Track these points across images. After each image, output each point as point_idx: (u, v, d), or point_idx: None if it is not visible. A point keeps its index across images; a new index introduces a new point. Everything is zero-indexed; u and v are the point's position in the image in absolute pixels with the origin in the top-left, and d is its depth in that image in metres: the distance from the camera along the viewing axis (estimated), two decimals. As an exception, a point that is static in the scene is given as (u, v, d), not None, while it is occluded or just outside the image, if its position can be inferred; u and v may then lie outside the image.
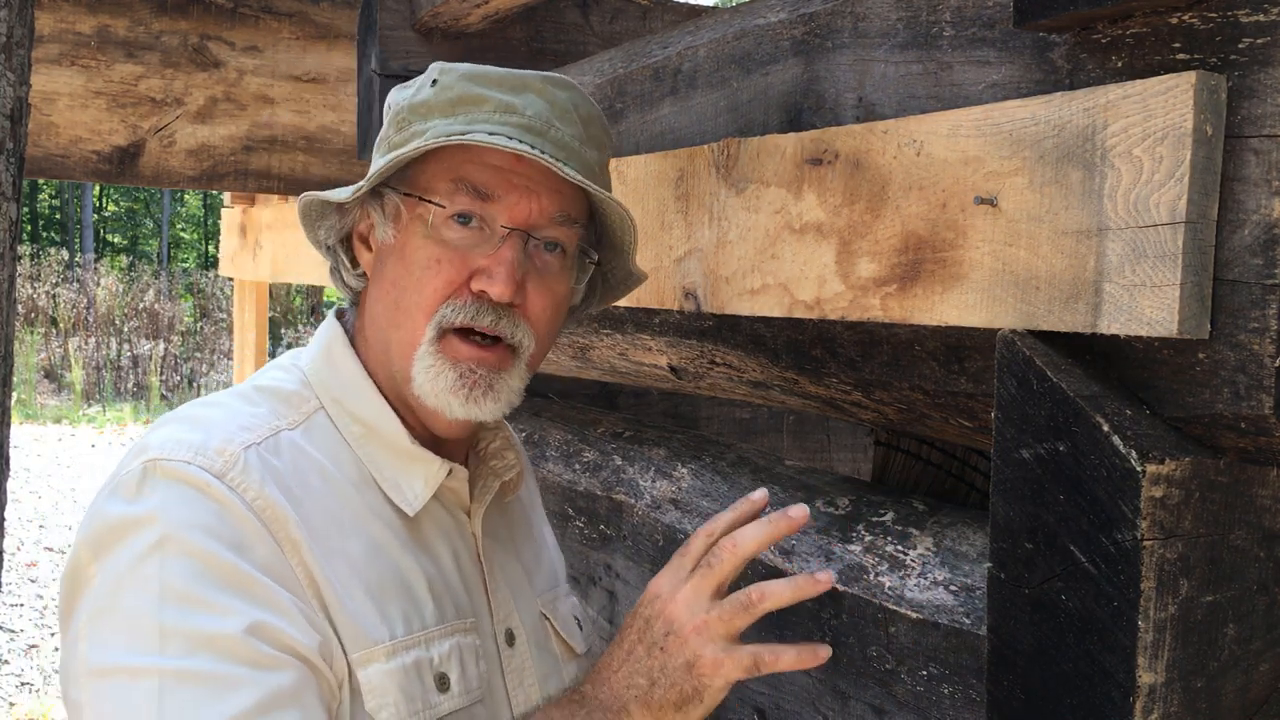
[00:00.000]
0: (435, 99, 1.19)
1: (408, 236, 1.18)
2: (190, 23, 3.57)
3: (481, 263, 1.15)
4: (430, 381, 1.15)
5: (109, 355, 16.30)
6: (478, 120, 1.16)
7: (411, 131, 1.19)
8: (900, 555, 1.34)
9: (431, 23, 2.47)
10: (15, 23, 1.55)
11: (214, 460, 1.06)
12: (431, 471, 1.21)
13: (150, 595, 0.99)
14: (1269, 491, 1.02)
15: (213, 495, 1.04)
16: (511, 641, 1.27)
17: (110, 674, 0.98)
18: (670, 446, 1.91)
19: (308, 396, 1.20)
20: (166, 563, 1.00)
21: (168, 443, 1.08)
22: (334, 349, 1.24)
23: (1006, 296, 1.05)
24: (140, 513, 1.03)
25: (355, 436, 1.19)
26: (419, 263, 1.16)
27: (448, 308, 1.15)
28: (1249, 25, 0.91)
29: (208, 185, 3.72)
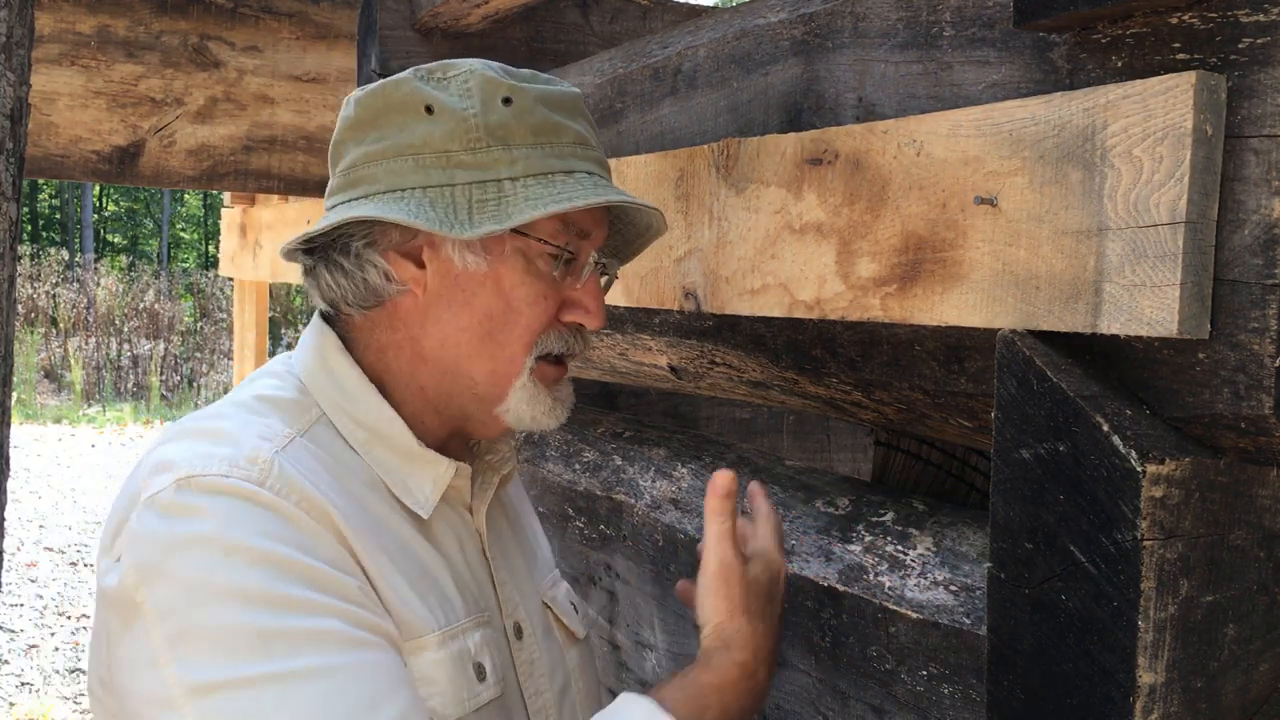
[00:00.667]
0: (517, 125, 1.16)
1: (506, 270, 1.18)
2: (190, 23, 3.57)
3: (571, 295, 1.22)
4: (531, 408, 1.21)
5: (109, 355, 16.30)
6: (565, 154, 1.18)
7: (493, 156, 1.15)
8: (900, 555, 1.34)
9: (431, 23, 2.47)
10: (15, 23, 1.55)
11: (250, 470, 1.05)
12: (439, 472, 1.21)
13: (234, 606, 0.98)
14: (1269, 491, 1.02)
15: (262, 502, 1.03)
16: (520, 635, 1.28)
17: (219, 689, 0.96)
18: (670, 446, 1.91)
19: (308, 404, 1.19)
20: (239, 572, 0.99)
21: (196, 458, 1.06)
22: (329, 355, 1.22)
23: (1006, 296, 1.05)
24: (192, 531, 1.01)
25: (360, 441, 1.19)
26: (523, 299, 1.18)
27: (545, 339, 1.21)
28: (1249, 25, 0.91)
29: (208, 185, 3.72)
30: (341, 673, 0.98)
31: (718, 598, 1.20)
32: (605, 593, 1.94)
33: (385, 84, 1.20)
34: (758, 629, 1.19)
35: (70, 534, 8.34)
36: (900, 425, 1.46)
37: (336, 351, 1.22)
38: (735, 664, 1.16)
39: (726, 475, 1.22)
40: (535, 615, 1.33)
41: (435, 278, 1.19)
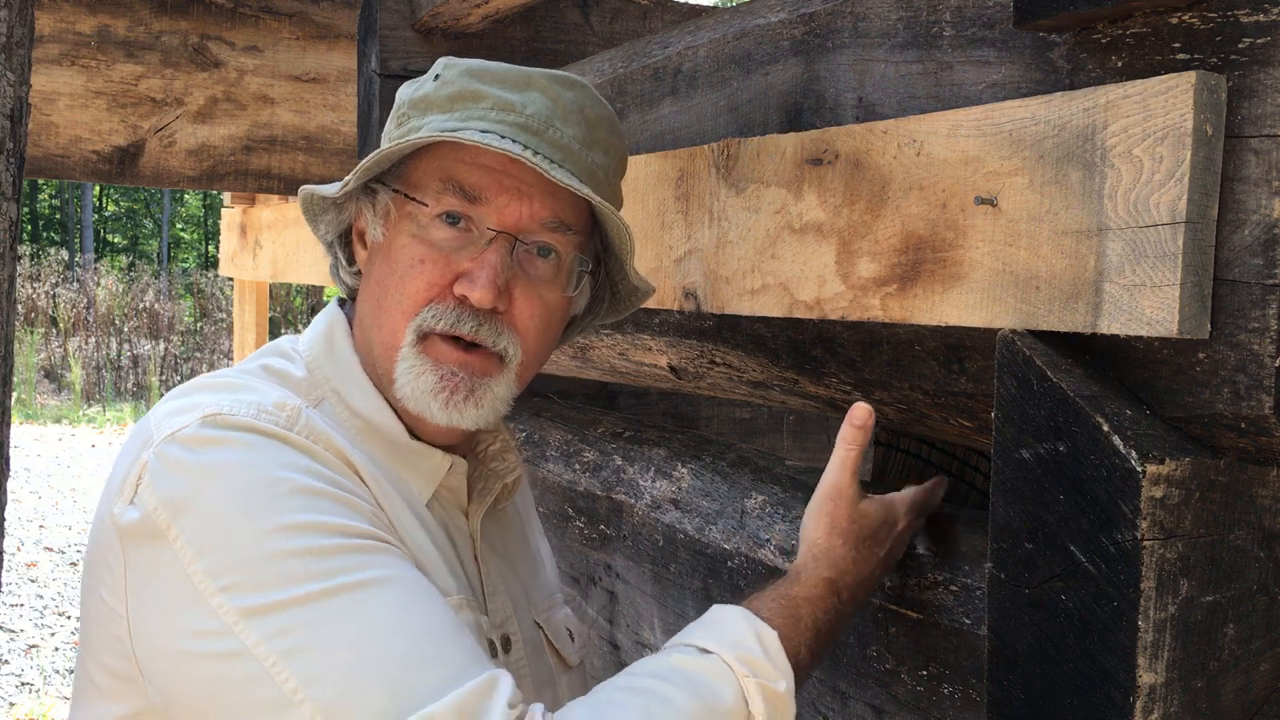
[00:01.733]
0: (435, 94, 1.15)
1: (395, 235, 1.15)
2: (190, 22, 3.57)
3: (465, 265, 1.12)
4: (411, 383, 1.12)
5: (109, 355, 16.30)
6: (473, 117, 1.12)
7: (409, 127, 1.15)
8: (900, 555, 1.34)
9: (431, 23, 2.47)
10: (15, 23, 1.55)
11: (277, 415, 1.04)
12: (433, 465, 1.18)
13: (280, 532, 0.95)
14: (1269, 491, 1.02)
15: (292, 443, 1.02)
16: (507, 648, 1.24)
17: (282, 607, 0.93)
18: (670, 446, 1.91)
19: (314, 384, 1.17)
20: (279, 499, 0.97)
21: (221, 401, 1.04)
22: (336, 338, 1.21)
23: (1006, 296, 1.05)
24: (223, 460, 0.99)
25: (354, 430, 1.16)
26: (403, 262, 1.13)
27: (429, 311, 1.12)
28: (1249, 25, 0.91)
29: (208, 185, 3.72)
30: (398, 583, 0.97)
31: (821, 515, 1.19)
32: (605, 593, 1.94)
33: None
34: (849, 554, 1.17)
35: (70, 534, 8.34)
36: (900, 425, 1.46)
37: (343, 335, 1.21)
38: (823, 579, 1.15)
39: (864, 409, 1.19)
40: (527, 632, 1.29)
41: (368, 256, 1.21)
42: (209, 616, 0.95)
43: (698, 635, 1.06)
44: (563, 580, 2.10)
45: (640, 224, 1.60)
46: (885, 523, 1.21)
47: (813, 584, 1.14)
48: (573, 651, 1.37)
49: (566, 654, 1.35)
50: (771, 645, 1.05)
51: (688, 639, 1.07)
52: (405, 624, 0.95)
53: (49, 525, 8.52)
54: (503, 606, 1.26)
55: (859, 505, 1.19)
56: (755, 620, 1.07)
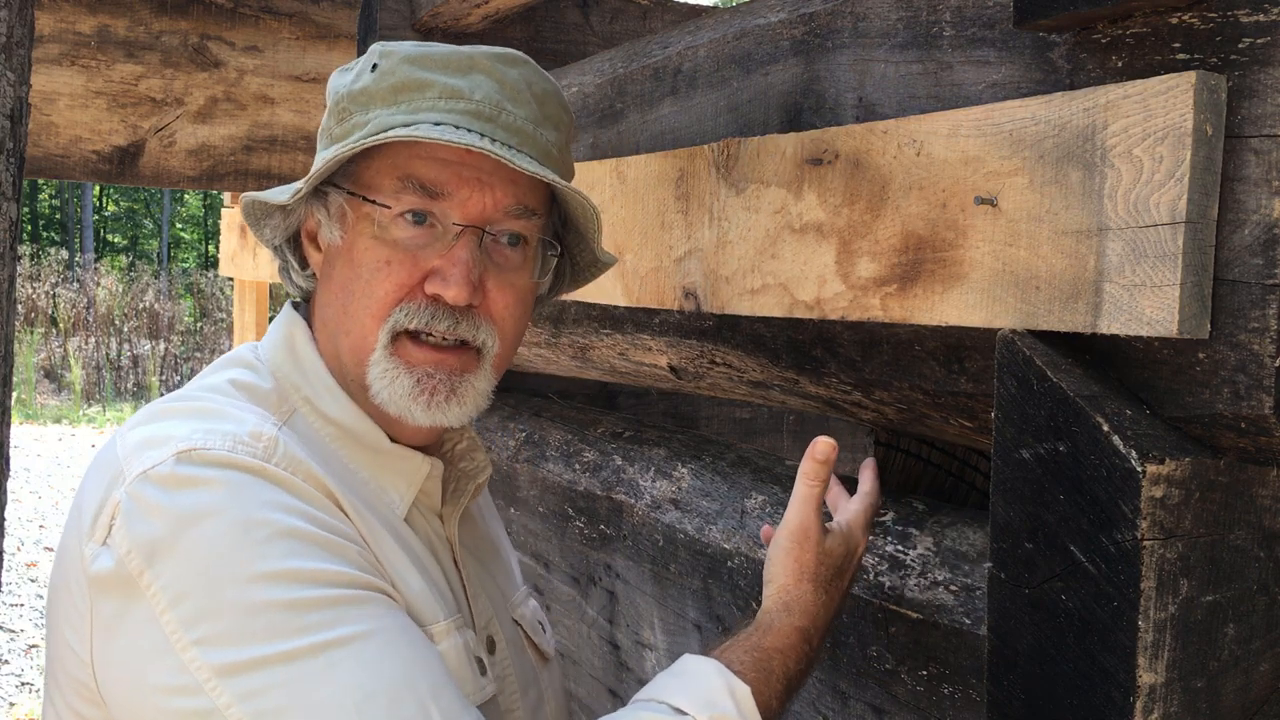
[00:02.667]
0: (376, 86, 1.10)
1: (355, 237, 1.11)
2: (190, 22, 3.57)
3: (435, 263, 1.09)
4: (387, 388, 1.09)
5: (109, 355, 16.30)
6: (421, 109, 1.08)
7: (353, 123, 1.11)
8: (900, 555, 1.34)
9: (431, 23, 2.47)
10: (15, 23, 1.55)
11: (254, 446, 1.00)
12: (412, 468, 1.15)
13: (258, 582, 0.92)
14: (1269, 491, 1.02)
15: (271, 477, 0.98)
16: (493, 649, 1.23)
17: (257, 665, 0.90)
18: (670, 446, 1.91)
19: (284, 395, 1.13)
20: (259, 546, 0.94)
21: (194, 433, 1.00)
22: (298, 346, 1.17)
23: (1006, 296, 1.05)
24: (201, 503, 0.95)
25: (330, 437, 1.13)
26: (368, 265, 1.09)
27: (400, 312, 1.09)
28: (1249, 25, 0.91)
29: (208, 185, 3.72)
30: (380, 636, 0.94)
31: (789, 558, 1.17)
32: (605, 593, 1.94)
33: None
34: (819, 599, 1.16)
35: (70, 534, 8.33)
36: (900, 425, 1.46)
37: (305, 341, 1.17)
38: (795, 629, 1.13)
39: (828, 444, 1.18)
40: (507, 631, 1.27)
41: (323, 258, 1.17)
42: (180, 671, 0.91)
43: (670, 689, 1.04)
44: (562, 580, 2.10)
45: (640, 224, 1.60)
46: (848, 554, 1.22)
47: (785, 634, 1.12)
48: (548, 644, 1.36)
49: (544, 648, 1.34)
50: (745, 703, 1.03)
51: (660, 694, 1.04)
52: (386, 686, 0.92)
53: (49, 525, 8.52)
54: (484, 608, 1.24)
55: (825, 545, 1.18)
56: (729, 675, 1.05)
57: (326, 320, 1.15)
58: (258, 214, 1.19)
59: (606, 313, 1.91)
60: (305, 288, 1.21)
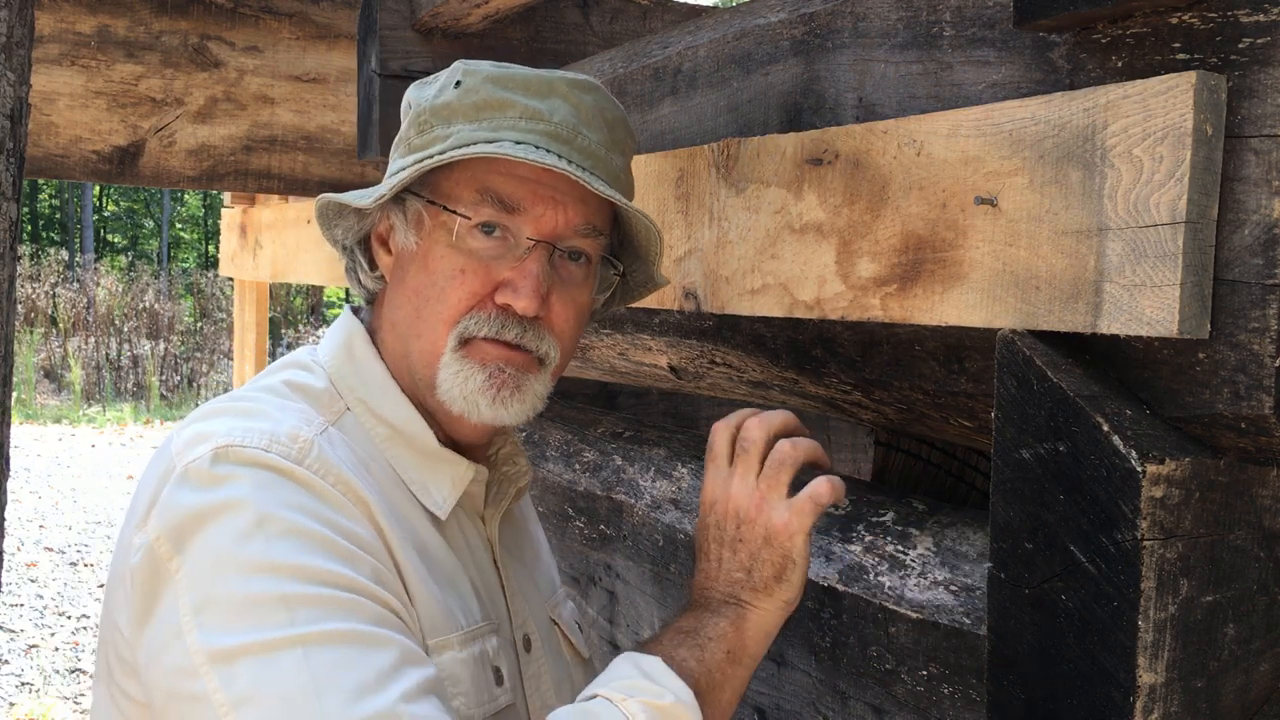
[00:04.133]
0: (459, 102, 1.16)
1: (431, 244, 1.16)
2: (190, 23, 3.57)
3: (506, 275, 1.15)
4: (460, 385, 1.14)
5: (109, 355, 16.30)
6: (503, 127, 1.14)
7: (434, 135, 1.17)
8: (900, 555, 1.34)
9: (431, 23, 2.47)
10: (15, 23, 1.55)
11: (289, 447, 1.04)
12: (459, 473, 1.20)
13: (262, 574, 0.97)
14: (1269, 491, 1.02)
15: (298, 479, 1.02)
16: (529, 647, 1.26)
17: (241, 653, 0.94)
18: (670, 446, 1.91)
19: (335, 395, 1.18)
20: (270, 542, 0.98)
21: (235, 430, 1.05)
22: (356, 347, 1.22)
23: (1006, 296, 1.05)
24: (226, 497, 1.00)
25: (381, 438, 1.17)
26: (443, 272, 1.15)
27: (471, 319, 1.15)
28: (1249, 25, 0.91)
29: (208, 185, 3.72)
30: (364, 638, 0.97)
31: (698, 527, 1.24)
32: (605, 593, 1.94)
33: None
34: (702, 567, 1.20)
35: (70, 534, 8.34)
36: (900, 425, 1.46)
37: (364, 343, 1.22)
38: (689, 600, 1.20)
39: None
40: (544, 630, 1.31)
41: (393, 261, 1.21)
42: (184, 654, 0.96)
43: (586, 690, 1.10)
44: (563, 580, 2.10)
45: (640, 224, 1.60)
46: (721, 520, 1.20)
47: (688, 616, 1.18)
48: (585, 645, 1.40)
49: (580, 647, 1.38)
50: (653, 668, 1.08)
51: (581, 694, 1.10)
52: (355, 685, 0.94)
53: (49, 525, 8.52)
54: (522, 607, 1.28)
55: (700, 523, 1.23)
56: (636, 655, 1.11)
57: (396, 322, 1.20)
58: (331, 214, 1.25)
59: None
60: (371, 289, 1.26)
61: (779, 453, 1.17)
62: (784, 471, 1.17)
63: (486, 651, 1.16)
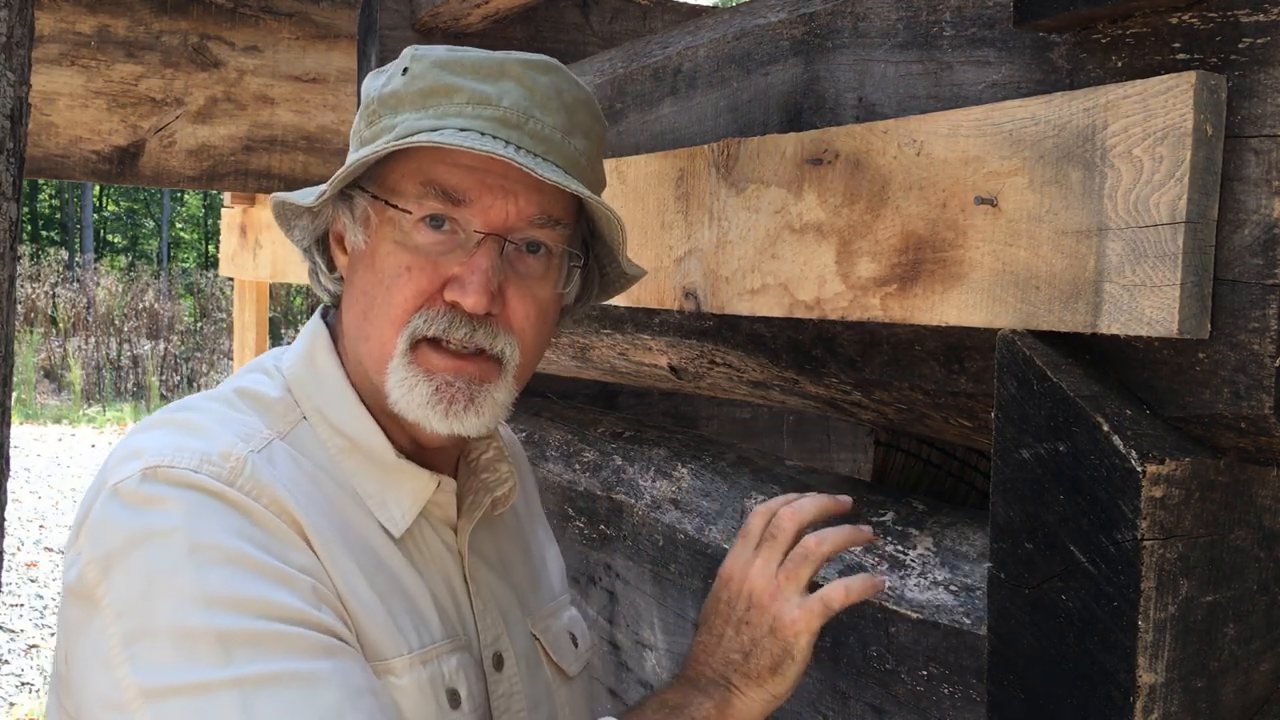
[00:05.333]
0: (406, 89, 1.10)
1: (378, 242, 1.11)
2: (190, 23, 3.57)
3: (454, 270, 1.08)
4: (405, 395, 1.08)
5: (109, 355, 16.30)
6: (449, 114, 1.07)
7: (381, 126, 1.11)
8: (900, 555, 1.34)
9: (431, 23, 2.47)
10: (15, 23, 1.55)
11: (220, 467, 1.00)
12: (419, 487, 1.14)
13: (195, 605, 0.93)
14: (1269, 491, 1.02)
15: (230, 500, 0.98)
16: (500, 665, 1.20)
17: (175, 693, 0.91)
18: (670, 446, 1.91)
19: (291, 405, 1.13)
20: (203, 571, 0.94)
21: (166, 449, 1.01)
22: (317, 353, 1.16)
23: (1006, 296, 1.05)
24: (155, 523, 0.96)
25: (338, 449, 1.12)
26: (389, 270, 1.09)
27: (420, 318, 1.08)
28: (1249, 25, 0.91)
29: (208, 185, 3.72)
30: (305, 680, 0.93)
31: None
32: (605, 593, 1.94)
33: None
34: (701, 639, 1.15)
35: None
36: (900, 425, 1.46)
37: (326, 350, 1.16)
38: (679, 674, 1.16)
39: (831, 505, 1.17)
40: (521, 646, 1.25)
41: (348, 261, 1.16)
42: (113, 687, 0.93)
43: None
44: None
45: (640, 224, 1.60)
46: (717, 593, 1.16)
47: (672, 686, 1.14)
48: (573, 660, 1.33)
49: (565, 665, 1.31)
50: None
51: None
52: None
53: (49, 525, 8.52)
54: (493, 623, 1.22)
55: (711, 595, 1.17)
56: None
57: (349, 325, 1.15)
58: (287, 215, 1.19)
59: (606, 313, 1.91)
60: (334, 290, 1.21)
61: (804, 547, 1.13)
62: (805, 567, 1.12)
63: (441, 674, 1.10)
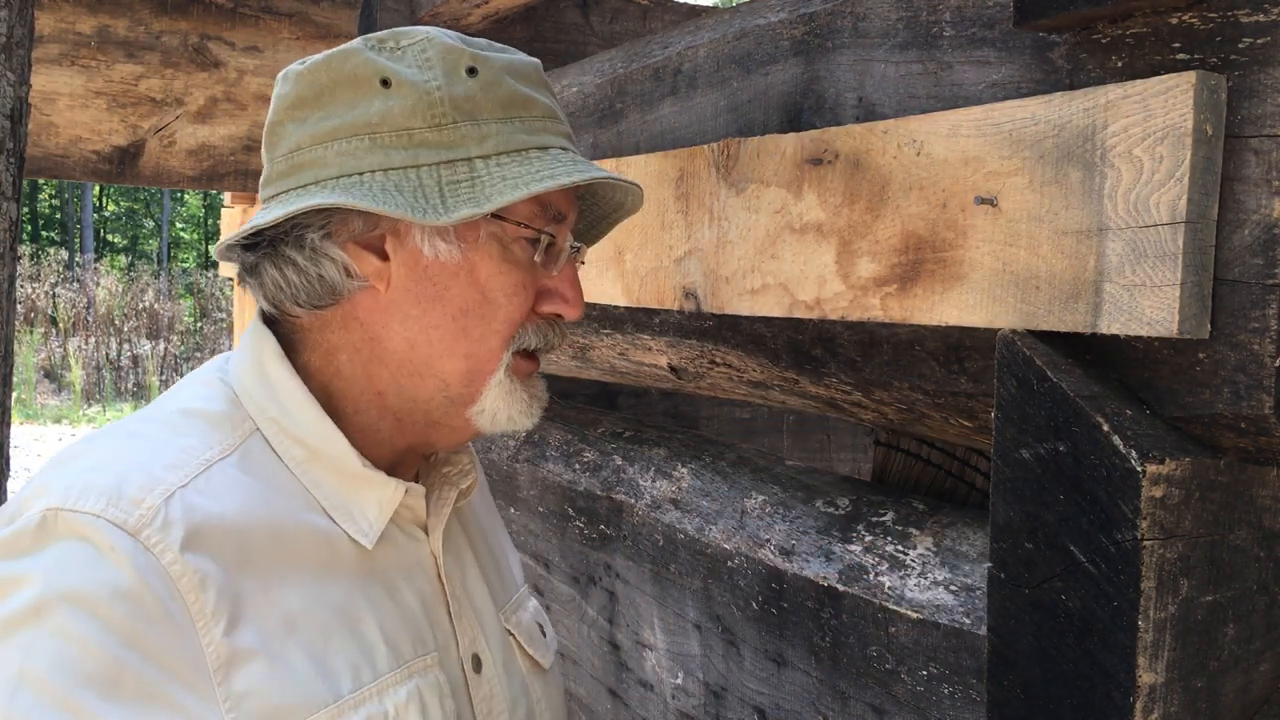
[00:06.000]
0: (484, 96, 1.05)
1: (481, 258, 1.06)
2: (190, 23, 3.57)
3: (547, 283, 1.11)
4: (508, 406, 1.10)
5: (109, 355, 16.30)
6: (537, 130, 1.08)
7: (462, 133, 1.04)
8: (900, 555, 1.34)
9: (431, 23, 2.47)
10: (15, 23, 1.55)
11: (129, 513, 0.92)
12: (386, 495, 1.09)
13: (7, 677, 0.86)
14: (1269, 491, 1.02)
15: (115, 561, 0.90)
16: (479, 668, 1.16)
17: None
18: (670, 446, 1.91)
19: (241, 418, 1.06)
20: (36, 641, 0.87)
21: (74, 488, 0.93)
22: (267, 363, 1.09)
23: (1006, 296, 1.05)
24: (22, 572, 0.89)
25: (297, 460, 1.06)
26: (501, 290, 1.07)
27: (523, 333, 1.10)
28: (1249, 25, 0.91)
29: (208, 185, 3.72)
30: None
31: None
32: (605, 593, 1.94)
33: (331, 55, 1.08)
34: None
35: (70, 534, 8.33)
36: (900, 425, 1.46)
37: (275, 358, 1.09)
38: None
39: None
40: (496, 644, 1.21)
41: (401, 270, 1.07)
42: None
43: None
44: (562, 580, 2.10)
45: (640, 224, 1.60)
46: None
47: None
48: (545, 651, 1.29)
49: (539, 656, 1.28)
50: None
51: None
52: None
53: (49, 525, 8.51)
54: (470, 624, 1.18)
55: None
56: None
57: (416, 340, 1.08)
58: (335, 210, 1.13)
59: (606, 313, 1.91)
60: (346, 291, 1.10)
61: None
62: None
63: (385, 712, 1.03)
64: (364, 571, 1.07)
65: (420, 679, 1.08)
